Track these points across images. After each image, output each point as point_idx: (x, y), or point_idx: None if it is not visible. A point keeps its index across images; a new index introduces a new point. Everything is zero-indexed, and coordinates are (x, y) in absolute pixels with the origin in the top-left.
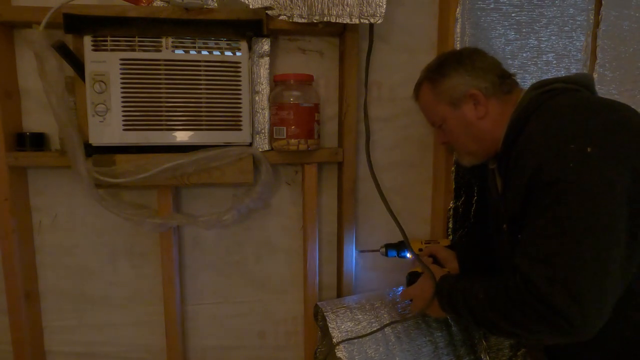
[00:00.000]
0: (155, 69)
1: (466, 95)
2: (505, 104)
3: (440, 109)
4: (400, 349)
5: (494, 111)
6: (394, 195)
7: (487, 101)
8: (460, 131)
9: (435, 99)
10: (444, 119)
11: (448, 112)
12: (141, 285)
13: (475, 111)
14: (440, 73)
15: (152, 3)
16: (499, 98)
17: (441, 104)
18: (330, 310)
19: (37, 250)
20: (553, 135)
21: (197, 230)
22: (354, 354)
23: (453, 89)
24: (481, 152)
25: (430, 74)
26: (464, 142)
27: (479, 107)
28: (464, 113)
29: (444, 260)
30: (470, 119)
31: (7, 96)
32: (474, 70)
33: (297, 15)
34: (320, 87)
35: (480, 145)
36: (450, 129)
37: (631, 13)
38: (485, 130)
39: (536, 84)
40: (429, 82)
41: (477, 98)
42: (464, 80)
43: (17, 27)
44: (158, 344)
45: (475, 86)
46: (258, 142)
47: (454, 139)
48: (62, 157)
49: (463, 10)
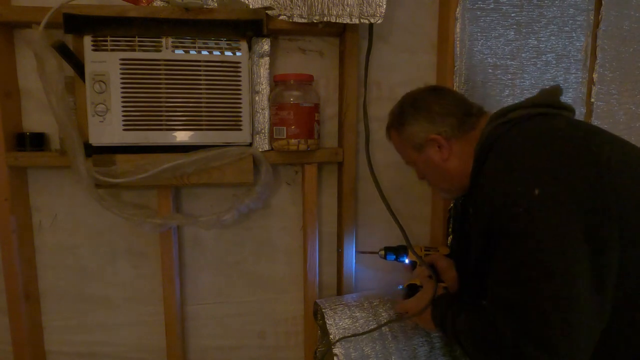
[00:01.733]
0: (155, 69)
1: (427, 140)
2: (468, 142)
3: (408, 153)
4: (397, 347)
5: (458, 150)
6: (394, 195)
7: (449, 143)
8: (429, 171)
9: (402, 144)
10: (414, 161)
11: (415, 156)
12: (141, 285)
13: (439, 153)
14: (400, 122)
15: (152, 3)
16: (460, 138)
17: (408, 149)
18: (328, 308)
19: (37, 250)
20: (502, 179)
21: (197, 230)
22: (350, 352)
23: (414, 135)
24: (454, 189)
25: (393, 121)
26: (436, 181)
27: (443, 150)
28: (428, 156)
29: (442, 270)
30: (435, 161)
31: (7, 96)
32: (430, 115)
33: (297, 15)
34: (320, 87)
35: (451, 183)
36: (421, 170)
37: (631, 13)
38: (452, 169)
39: (495, 114)
40: (393, 129)
41: (438, 141)
42: (422, 128)
43: (17, 27)
44: (158, 344)
45: (434, 131)
46: (258, 142)
47: (427, 178)
48: (62, 157)
49: (463, 10)
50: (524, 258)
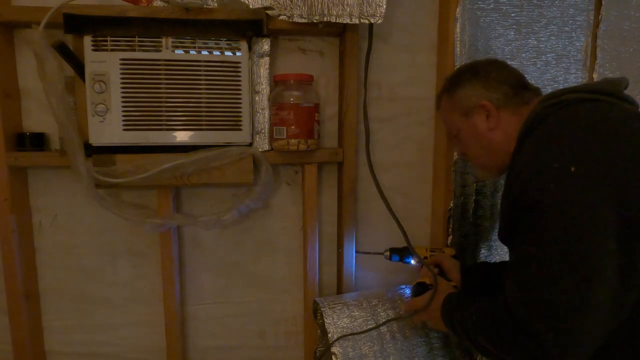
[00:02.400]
0: (155, 69)
1: (477, 105)
2: (519, 116)
3: (455, 119)
4: (395, 347)
5: (506, 123)
6: (394, 195)
7: (499, 113)
8: (472, 142)
9: (452, 109)
10: (459, 129)
11: (462, 122)
12: (141, 285)
13: (486, 122)
14: (455, 84)
15: (152, 3)
16: (512, 110)
17: (456, 115)
18: (327, 307)
19: (37, 250)
20: (539, 154)
21: (197, 230)
22: (348, 350)
23: (465, 99)
24: (494, 165)
25: (448, 85)
26: (477, 154)
27: (490, 119)
28: (475, 123)
29: (448, 271)
30: (481, 129)
31: (7, 96)
32: (488, 81)
33: (297, 15)
34: (320, 87)
35: (491, 158)
36: (464, 140)
37: (631, 13)
38: (496, 142)
39: (547, 95)
40: (446, 92)
41: (487, 109)
42: (475, 91)
43: (17, 27)
44: (158, 344)
45: (486, 97)
46: (258, 142)
47: (467, 151)
48: (62, 157)
49: (463, 10)
50: (551, 232)
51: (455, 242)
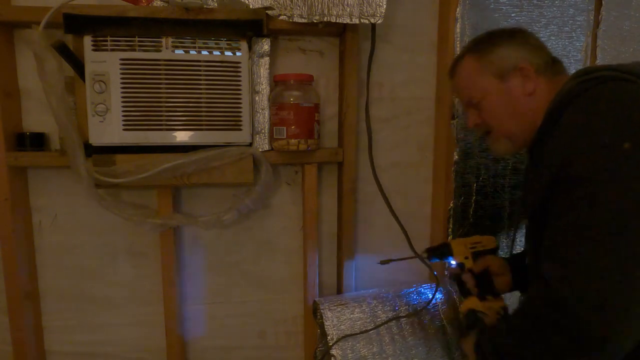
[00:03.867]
0: (155, 69)
1: (515, 68)
2: (553, 87)
3: (484, 82)
4: (394, 349)
5: (542, 91)
6: (394, 195)
7: (537, 78)
8: (503, 108)
9: (480, 70)
10: (486, 93)
11: (493, 85)
12: (141, 285)
13: (522, 87)
14: (490, 43)
15: (152, 3)
16: (548, 79)
17: (486, 76)
18: (327, 307)
19: (37, 250)
20: (586, 127)
21: (197, 230)
22: (347, 352)
23: (502, 59)
24: (519, 135)
25: (477, 45)
26: (505, 121)
27: (528, 83)
28: (510, 87)
29: (496, 274)
30: (516, 94)
31: (7, 96)
32: (527, 45)
33: (297, 15)
34: (320, 87)
35: (520, 127)
36: (491, 105)
37: (631, 13)
38: (529, 110)
39: (580, 71)
40: (474, 53)
41: (527, 72)
42: (515, 53)
43: (17, 27)
44: (158, 344)
45: (527, 60)
46: (258, 142)
47: (492, 118)
48: (62, 157)
49: (463, 10)
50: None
51: None
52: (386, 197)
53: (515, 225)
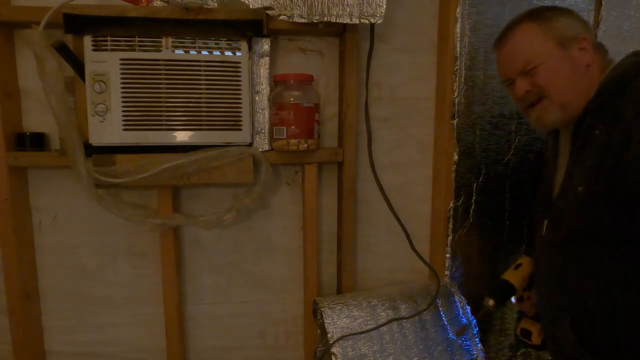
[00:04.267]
0: (155, 69)
1: (577, 38)
2: (603, 65)
3: (545, 47)
4: (394, 347)
5: (595, 66)
6: (394, 195)
7: (593, 53)
8: (562, 75)
9: (542, 35)
10: (546, 58)
11: (554, 51)
12: (141, 285)
13: (581, 58)
14: (551, 11)
15: (152, 3)
16: (600, 56)
17: (548, 42)
18: (327, 307)
19: (37, 250)
20: None
21: (197, 230)
22: (347, 351)
23: (567, 28)
24: (573, 105)
25: (536, 14)
26: (563, 88)
27: (586, 55)
28: (572, 55)
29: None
30: (579, 63)
31: (7, 96)
32: (583, 21)
33: (297, 15)
34: (320, 87)
35: (575, 96)
36: (551, 71)
37: (631, 13)
38: (586, 82)
39: (635, 51)
40: (533, 20)
41: (586, 45)
42: (575, 24)
43: (17, 27)
44: (158, 344)
45: (587, 32)
46: (258, 142)
47: (550, 84)
48: (62, 157)
49: (463, 10)
50: None
51: (456, 242)
52: (387, 197)
53: (535, 224)
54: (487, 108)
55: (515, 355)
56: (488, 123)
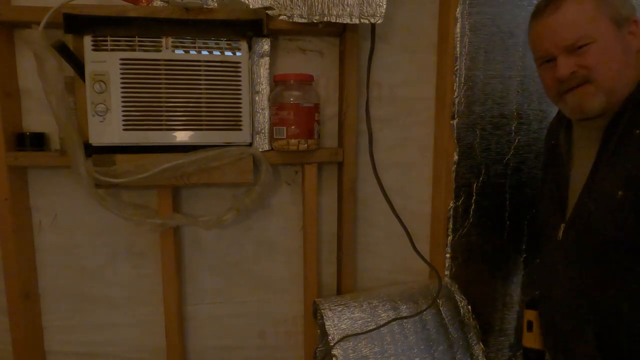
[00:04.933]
0: (155, 69)
1: (630, 19)
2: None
3: (599, 24)
4: (395, 348)
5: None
6: (394, 195)
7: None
8: (615, 57)
9: (597, 10)
10: (599, 36)
11: (609, 29)
12: (141, 285)
13: (632, 41)
14: None
15: (152, 3)
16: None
17: (603, 18)
18: (327, 308)
19: (37, 250)
20: None
21: (197, 230)
22: (348, 352)
23: (623, 6)
24: (619, 92)
25: None
26: (614, 70)
27: (636, 40)
28: (625, 36)
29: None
30: (630, 45)
31: (7, 96)
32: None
33: (297, 15)
34: (320, 87)
35: (623, 82)
36: (604, 51)
37: None
38: (635, 68)
39: None
40: None
41: (636, 29)
42: (630, 4)
43: (17, 27)
44: (158, 344)
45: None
46: (258, 142)
47: (601, 65)
48: (62, 157)
49: (463, 10)
50: None
51: (456, 242)
52: (387, 197)
53: (544, 226)
54: (487, 108)
55: (515, 355)
56: (488, 123)
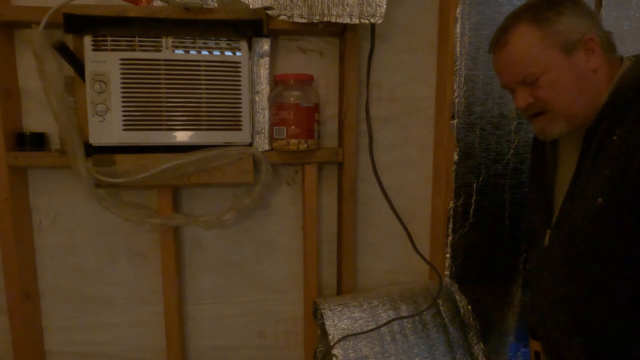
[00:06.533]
0: (155, 69)
1: (582, 40)
2: (613, 65)
3: (546, 55)
4: (396, 348)
5: (604, 68)
6: (394, 195)
7: (601, 53)
8: (567, 86)
9: (542, 42)
10: (548, 68)
11: (557, 59)
12: (141, 285)
13: (588, 62)
14: (553, 9)
15: (152, 3)
16: (609, 56)
17: (549, 49)
18: (327, 308)
19: (37, 250)
20: None
21: (197, 230)
22: (349, 352)
23: (570, 30)
24: (580, 116)
25: (537, 11)
26: (568, 100)
27: (593, 58)
28: (576, 62)
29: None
30: (583, 70)
31: (7, 96)
32: (591, 14)
33: (297, 15)
34: (320, 87)
35: (582, 106)
36: (553, 82)
37: (631, 13)
38: (593, 88)
39: None
40: (532, 22)
41: (593, 46)
42: (581, 22)
43: (17, 27)
44: (158, 344)
45: (595, 31)
46: (258, 142)
47: (554, 97)
48: (62, 157)
49: (463, 10)
50: None
51: (456, 242)
52: (388, 196)
53: (531, 232)
54: (487, 108)
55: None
56: (488, 123)
